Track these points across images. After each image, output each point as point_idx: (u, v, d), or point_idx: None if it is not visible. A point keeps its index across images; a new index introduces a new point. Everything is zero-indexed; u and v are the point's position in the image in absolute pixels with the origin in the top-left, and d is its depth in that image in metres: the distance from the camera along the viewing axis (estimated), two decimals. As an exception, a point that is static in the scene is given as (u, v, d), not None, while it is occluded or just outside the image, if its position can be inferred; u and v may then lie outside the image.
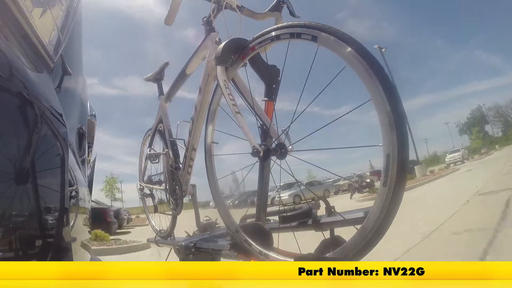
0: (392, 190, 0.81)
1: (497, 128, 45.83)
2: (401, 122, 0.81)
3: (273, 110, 1.30)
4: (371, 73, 0.84)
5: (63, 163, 0.80)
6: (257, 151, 1.08)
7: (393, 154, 0.81)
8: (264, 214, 1.37)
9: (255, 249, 1.20)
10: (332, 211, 1.21)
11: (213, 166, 1.52)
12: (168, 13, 1.43)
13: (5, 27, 0.69)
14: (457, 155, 26.71)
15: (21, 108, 0.69)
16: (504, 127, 45.02)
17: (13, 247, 0.60)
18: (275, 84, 1.29)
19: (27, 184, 0.66)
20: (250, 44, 1.21)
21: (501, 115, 45.54)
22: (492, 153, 27.70)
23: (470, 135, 45.27)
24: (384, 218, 0.83)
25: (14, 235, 0.61)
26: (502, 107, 45.60)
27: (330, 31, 0.94)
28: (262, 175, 1.31)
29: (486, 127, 46.99)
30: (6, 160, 0.61)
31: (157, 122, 2.20)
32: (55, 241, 0.73)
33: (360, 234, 0.88)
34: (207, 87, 1.47)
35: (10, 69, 0.67)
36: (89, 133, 1.49)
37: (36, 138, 0.70)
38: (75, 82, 1.22)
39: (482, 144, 39.45)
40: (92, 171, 1.74)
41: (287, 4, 1.49)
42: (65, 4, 1.00)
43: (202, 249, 1.53)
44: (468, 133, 47.16)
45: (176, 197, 1.80)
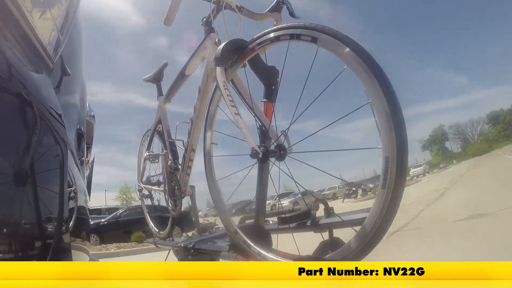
0: (391, 193, 0.81)
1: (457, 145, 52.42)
2: (400, 124, 0.81)
3: (273, 111, 1.30)
4: (371, 75, 0.84)
5: (62, 163, 0.80)
6: (256, 152, 1.08)
7: (392, 156, 0.81)
8: (263, 215, 1.37)
9: (254, 250, 1.20)
10: (331, 213, 1.21)
11: (212, 167, 1.52)
12: (167, 14, 1.42)
13: (4, 28, 0.69)
14: (419, 170, 32.67)
15: (21, 109, 0.69)
16: (463, 144, 52.18)
17: (13, 247, 0.60)
18: (274, 85, 1.29)
19: (26, 184, 0.66)
20: (250, 45, 1.20)
21: (461, 133, 52.50)
22: (449, 167, 33.28)
23: (431, 152, 50.95)
24: (383, 220, 0.83)
25: (13, 235, 0.60)
26: (462, 125, 52.83)
27: (330, 32, 0.94)
28: (261, 177, 1.31)
29: (447, 143, 53.97)
30: (6, 161, 0.60)
31: (156, 122, 2.19)
32: (54, 242, 0.73)
33: (359, 236, 0.88)
34: (207, 88, 1.47)
35: (10, 69, 0.67)
36: (88, 134, 1.49)
37: (35, 138, 0.70)
38: (74, 83, 1.22)
39: (442, 160, 45.19)
40: (91, 172, 1.73)
41: (287, 5, 1.49)
42: (64, 5, 1.00)
43: (201, 250, 1.53)
44: (429, 149, 53.29)
45: (175, 198, 1.80)
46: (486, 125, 52.21)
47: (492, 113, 51.04)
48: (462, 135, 53.89)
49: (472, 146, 49.22)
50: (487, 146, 44.55)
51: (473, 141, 52.10)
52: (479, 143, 49.61)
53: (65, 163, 0.81)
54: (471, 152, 44.85)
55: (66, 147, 0.84)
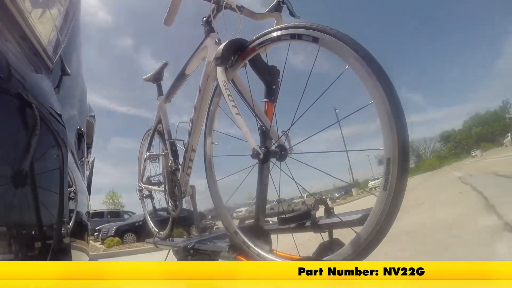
0: (392, 195, 0.80)
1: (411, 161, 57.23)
2: (402, 126, 0.80)
3: (273, 111, 1.29)
4: (373, 75, 0.83)
5: (63, 163, 0.80)
6: (257, 153, 1.07)
7: (393, 158, 0.80)
8: (263, 215, 1.36)
9: (254, 250, 1.20)
10: (331, 213, 1.21)
11: (212, 167, 1.51)
12: (168, 14, 1.42)
13: (4, 28, 0.69)
14: (377, 182, 35.99)
15: (20, 109, 0.69)
16: (416, 160, 57.33)
17: (13, 247, 0.60)
18: (275, 85, 1.28)
19: (26, 184, 0.66)
20: (250, 45, 1.20)
21: (414, 150, 56.76)
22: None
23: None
24: (383, 222, 0.82)
25: (13, 235, 0.60)
26: (416, 142, 57.32)
27: (331, 32, 0.93)
28: (262, 177, 1.31)
29: None
30: (6, 161, 0.60)
31: (156, 122, 2.19)
32: (54, 242, 0.73)
33: (359, 237, 0.88)
34: (207, 87, 1.46)
35: (10, 69, 0.67)
36: (88, 134, 1.49)
37: (35, 138, 0.70)
38: (74, 83, 1.22)
39: None
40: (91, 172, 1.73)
41: (287, 4, 1.49)
42: (64, 5, 1.00)
43: (200, 250, 1.52)
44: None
45: (175, 198, 1.79)
46: (438, 143, 58.14)
47: (444, 132, 56.95)
48: (416, 151, 59.39)
49: (424, 162, 54.09)
50: (438, 163, 48.50)
51: (425, 157, 57.66)
52: (431, 159, 54.53)
53: (65, 163, 0.81)
54: (423, 167, 48.71)
55: (66, 148, 0.84)
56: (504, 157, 16.64)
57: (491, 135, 47.80)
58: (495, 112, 51.84)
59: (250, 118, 1.23)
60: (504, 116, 50.63)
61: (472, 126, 52.94)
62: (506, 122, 48.02)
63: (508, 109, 50.75)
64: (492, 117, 51.35)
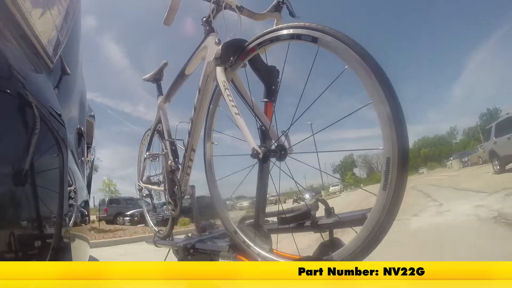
0: (392, 194, 0.81)
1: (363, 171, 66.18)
2: (401, 125, 0.80)
3: (273, 111, 1.29)
4: (372, 75, 0.83)
5: (63, 163, 0.80)
6: (256, 152, 1.07)
7: (393, 158, 0.80)
8: (263, 215, 1.36)
9: (254, 250, 1.20)
10: (331, 213, 1.21)
11: (212, 167, 1.51)
12: (167, 14, 1.42)
13: (4, 28, 0.69)
14: (337, 188, 42.02)
15: (20, 108, 0.69)
16: (369, 171, 65.85)
17: (13, 246, 0.60)
18: (274, 85, 1.28)
19: (27, 184, 0.66)
20: (250, 45, 1.20)
21: (367, 162, 65.57)
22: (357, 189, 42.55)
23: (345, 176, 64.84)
24: (383, 221, 0.82)
25: (13, 234, 0.60)
26: (368, 156, 65.27)
27: (330, 32, 0.93)
28: (262, 177, 1.31)
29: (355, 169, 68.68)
30: (6, 160, 0.60)
31: (156, 122, 2.19)
32: (54, 241, 0.73)
33: (359, 237, 0.88)
34: (207, 87, 1.46)
35: (10, 69, 0.67)
36: (88, 133, 1.49)
37: (36, 138, 0.70)
38: (74, 83, 1.22)
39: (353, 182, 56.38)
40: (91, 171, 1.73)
41: (287, 5, 1.49)
42: (64, 5, 1.00)
43: (200, 250, 1.52)
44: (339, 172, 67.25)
45: (175, 198, 1.79)
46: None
47: None
48: (368, 164, 67.23)
49: (376, 174, 58.98)
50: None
51: (377, 170, 63.03)
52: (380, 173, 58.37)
53: (65, 162, 0.81)
54: (375, 179, 52.65)
55: (66, 147, 0.84)
56: (444, 175, 20.71)
57: (438, 156, 53.78)
58: (442, 137, 59.88)
59: (249, 118, 1.23)
60: (450, 141, 58.37)
61: (421, 147, 59.35)
62: (452, 146, 54.66)
63: (455, 135, 58.73)
64: (439, 141, 58.75)
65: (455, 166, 28.63)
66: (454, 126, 59.02)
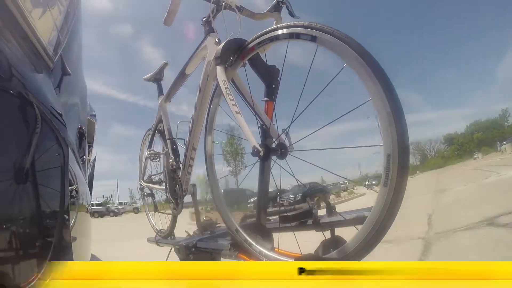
0: (393, 191, 0.81)
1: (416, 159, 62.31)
2: (401, 122, 0.81)
3: (273, 110, 1.30)
4: (371, 73, 0.84)
5: (64, 162, 0.80)
6: (257, 151, 1.08)
7: (393, 154, 0.81)
8: (265, 214, 1.36)
9: (256, 249, 1.20)
10: (333, 211, 1.21)
11: (213, 165, 1.52)
12: (167, 14, 1.42)
13: (5, 28, 0.69)
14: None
15: (21, 108, 0.69)
16: (422, 158, 62.63)
17: (13, 246, 0.60)
18: (274, 84, 1.28)
19: (28, 183, 0.66)
20: (250, 44, 1.20)
21: (420, 149, 62.48)
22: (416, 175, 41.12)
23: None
24: (384, 218, 0.82)
25: (14, 234, 0.61)
26: (421, 143, 62.57)
27: (329, 31, 0.94)
28: (263, 175, 1.31)
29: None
30: (7, 160, 0.61)
31: (157, 121, 2.19)
32: (55, 241, 0.73)
33: (361, 234, 0.88)
34: (207, 87, 1.46)
35: (10, 69, 0.67)
36: (89, 133, 1.50)
37: (37, 138, 0.70)
38: (74, 82, 1.22)
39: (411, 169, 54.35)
40: (92, 171, 1.74)
41: (287, 5, 1.49)
42: (64, 5, 1.00)
43: (202, 249, 1.53)
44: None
45: (176, 197, 1.80)
46: (442, 144, 62.58)
47: (448, 135, 61.31)
48: (421, 151, 64.01)
49: (429, 161, 57.75)
50: (443, 162, 52.07)
51: (430, 157, 61.74)
52: (435, 158, 58.56)
53: (66, 162, 0.82)
54: (428, 166, 52.33)
55: (67, 146, 0.84)
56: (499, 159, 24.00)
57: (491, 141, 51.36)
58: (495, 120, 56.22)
59: (250, 117, 1.23)
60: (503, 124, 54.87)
61: (474, 131, 56.71)
62: (504, 129, 51.92)
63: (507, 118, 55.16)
64: (492, 125, 55.50)
65: (508, 150, 30.59)
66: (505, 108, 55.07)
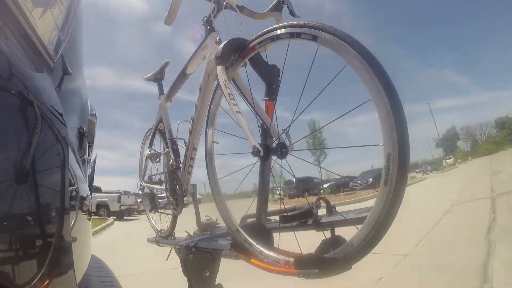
0: (393, 190, 0.81)
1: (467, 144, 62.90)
2: (401, 121, 0.81)
3: (274, 109, 1.30)
4: (371, 72, 0.84)
5: (64, 162, 0.80)
6: (257, 150, 1.08)
7: (393, 153, 0.81)
8: (265, 213, 1.37)
9: (256, 248, 1.20)
10: (333, 211, 1.21)
11: (213, 165, 1.52)
12: (168, 13, 1.43)
13: (5, 27, 0.69)
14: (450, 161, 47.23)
15: (21, 108, 0.69)
16: (473, 144, 61.69)
17: (13, 247, 0.60)
18: (275, 83, 1.29)
19: (27, 184, 0.66)
20: (250, 44, 1.20)
21: (471, 135, 62.47)
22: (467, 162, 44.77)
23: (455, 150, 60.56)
24: (385, 217, 0.83)
25: (13, 235, 0.60)
26: (471, 128, 62.24)
27: (330, 30, 0.94)
28: (263, 175, 1.31)
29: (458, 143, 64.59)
30: (6, 160, 0.60)
31: (157, 121, 2.20)
32: (55, 242, 0.73)
33: (361, 233, 0.88)
34: (207, 86, 1.47)
35: (10, 69, 0.67)
36: (90, 133, 1.50)
37: (37, 138, 0.70)
38: (75, 82, 1.22)
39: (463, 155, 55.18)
40: (93, 171, 1.74)
41: (287, 4, 1.49)
42: (65, 4, 1.00)
43: (202, 248, 1.53)
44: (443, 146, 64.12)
45: (176, 197, 1.80)
46: (494, 129, 58.94)
47: (499, 119, 57.34)
48: (472, 136, 62.89)
49: (481, 147, 55.16)
50: (495, 147, 50.00)
51: (481, 142, 58.84)
52: (487, 144, 55.66)
53: (66, 162, 0.81)
54: (480, 152, 50.91)
55: (67, 146, 0.84)
56: None
57: None
58: None
59: (250, 116, 1.23)
60: None
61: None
62: None
63: None
64: None
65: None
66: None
